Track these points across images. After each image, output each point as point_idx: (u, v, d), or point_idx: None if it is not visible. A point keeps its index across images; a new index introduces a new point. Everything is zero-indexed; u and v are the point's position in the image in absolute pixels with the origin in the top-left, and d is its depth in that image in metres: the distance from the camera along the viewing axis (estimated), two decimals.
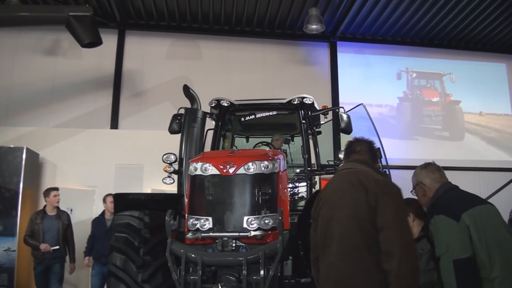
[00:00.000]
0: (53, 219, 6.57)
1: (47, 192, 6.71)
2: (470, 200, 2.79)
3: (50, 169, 8.53)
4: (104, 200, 6.81)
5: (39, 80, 9.58)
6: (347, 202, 2.53)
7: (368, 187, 2.50)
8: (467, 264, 2.53)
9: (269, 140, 6.25)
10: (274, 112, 5.72)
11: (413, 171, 3.18)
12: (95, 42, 7.77)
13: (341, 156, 4.81)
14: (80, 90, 9.68)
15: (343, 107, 5.62)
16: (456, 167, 9.46)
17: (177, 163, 5.00)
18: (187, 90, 5.68)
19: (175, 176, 5.07)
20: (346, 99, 10.13)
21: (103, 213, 6.79)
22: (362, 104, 6.24)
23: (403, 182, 3.38)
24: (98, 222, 6.73)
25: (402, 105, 10.83)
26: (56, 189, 6.76)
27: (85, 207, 8.04)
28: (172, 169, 5.01)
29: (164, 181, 5.07)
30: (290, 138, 6.56)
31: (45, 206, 6.69)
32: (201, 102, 5.77)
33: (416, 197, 3.10)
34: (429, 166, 3.04)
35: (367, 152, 2.83)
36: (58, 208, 6.71)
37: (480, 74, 11.25)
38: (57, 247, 6.42)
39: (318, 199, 2.80)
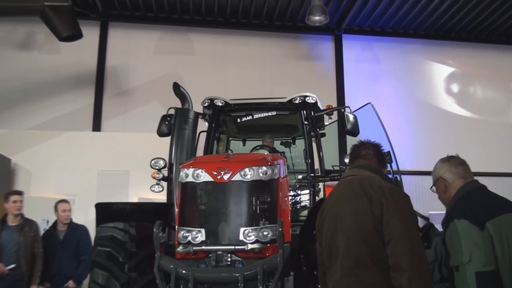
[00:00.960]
0: (13, 231, 5.85)
1: (6, 196, 6.00)
2: (498, 206, 2.69)
3: (24, 176, 8.49)
4: (56, 208, 6.24)
5: (11, 77, 9.56)
6: (350, 212, 2.56)
7: (372, 195, 2.52)
8: (491, 278, 2.48)
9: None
10: (274, 113, 5.74)
11: (427, 177, 3.18)
12: (75, 35, 7.77)
13: (347, 160, 4.81)
14: (58, 88, 9.68)
15: (349, 107, 5.64)
16: (479, 173, 9.46)
17: (166, 169, 5.01)
18: (177, 89, 5.69)
19: (164, 184, 5.07)
20: (352, 98, 10.16)
21: (55, 224, 6.28)
22: (370, 103, 6.26)
23: (417, 188, 3.40)
24: (50, 235, 6.19)
25: (415, 103, 10.85)
26: (18, 192, 6.13)
27: None
28: (161, 175, 5.02)
29: (152, 189, 5.07)
30: (291, 141, 6.58)
31: (6, 214, 5.99)
32: (193, 101, 5.78)
33: (436, 195, 3.06)
34: (452, 159, 2.97)
35: (373, 157, 2.86)
36: (22, 216, 5.99)
37: (503, 70, 11.27)
38: (13, 265, 5.68)
39: (321, 210, 2.83)
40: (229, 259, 3.51)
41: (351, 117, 5.42)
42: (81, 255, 6.10)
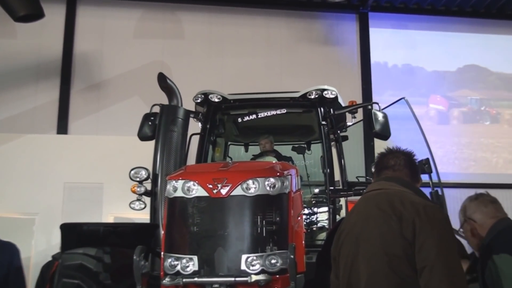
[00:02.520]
0: None
1: None
2: None
3: None
4: None
5: None
6: (375, 234, 2.58)
7: (402, 213, 2.54)
8: None
9: (276, 148, 6.27)
10: (283, 111, 5.75)
11: (475, 190, 3.22)
12: (34, 14, 7.79)
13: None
14: (14, 80, 9.72)
15: (377, 103, 5.65)
16: None
17: (149, 181, 5.01)
18: (163, 81, 5.70)
19: (147, 199, 5.08)
20: (381, 92, 10.15)
21: None
22: (403, 98, 6.27)
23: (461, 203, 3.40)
24: None
25: (460, 99, 10.83)
26: None
27: (21, 243, 7.99)
28: (142, 189, 5.02)
29: (132, 206, 5.07)
30: (305, 146, 6.58)
31: None
32: (182, 97, 5.79)
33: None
34: (481, 198, 3.12)
35: (404, 168, 2.91)
36: None
37: None
38: None
39: (338, 233, 2.86)
40: None
41: (380, 115, 5.41)
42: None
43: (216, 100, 5.76)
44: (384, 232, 2.55)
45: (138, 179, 4.99)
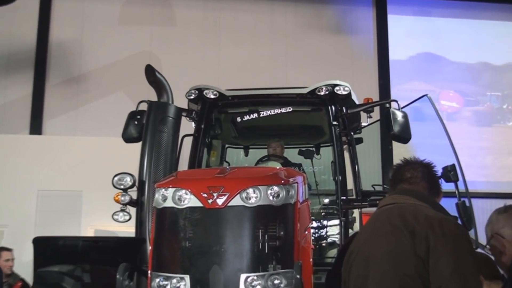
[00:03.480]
0: None
1: None
2: None
3: None
4: None
5: None
6: (386, 252, 2.60)
7: (415, 228, 2.56)
8: None
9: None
10: (289, 109, 5.74)
11: (506, 201, 3.22)
12: None
13: None
14: None
15: (396, 101, 5.64)
16: None
17: (135, 189, 5.02)
18: (151, 74, 5.71)
19: (133, 210, 5.08)
20: (401, 88, 10.15)
21: None
22: (426, 95, 6.27)
23: None
24: None
25: (491, 97, 10.84)
26: None
27: None
28: (127, 198, 5.02)
29: (115, 217, 5.07)
30: (314, 149, 6.58)
31: None
32: (173, 92, 5.80)
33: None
34: (510, 210, 3.05)
35: (421, 180, 2.94)
36: None
37: None
38: None
39: (349, 252, 2.88)
40: None
41: (399, 115, 5.40)
42: None
43: (212, 96, 5.75)
44: (395, 250, 2.58)
45: (122, 187, 4.99)
